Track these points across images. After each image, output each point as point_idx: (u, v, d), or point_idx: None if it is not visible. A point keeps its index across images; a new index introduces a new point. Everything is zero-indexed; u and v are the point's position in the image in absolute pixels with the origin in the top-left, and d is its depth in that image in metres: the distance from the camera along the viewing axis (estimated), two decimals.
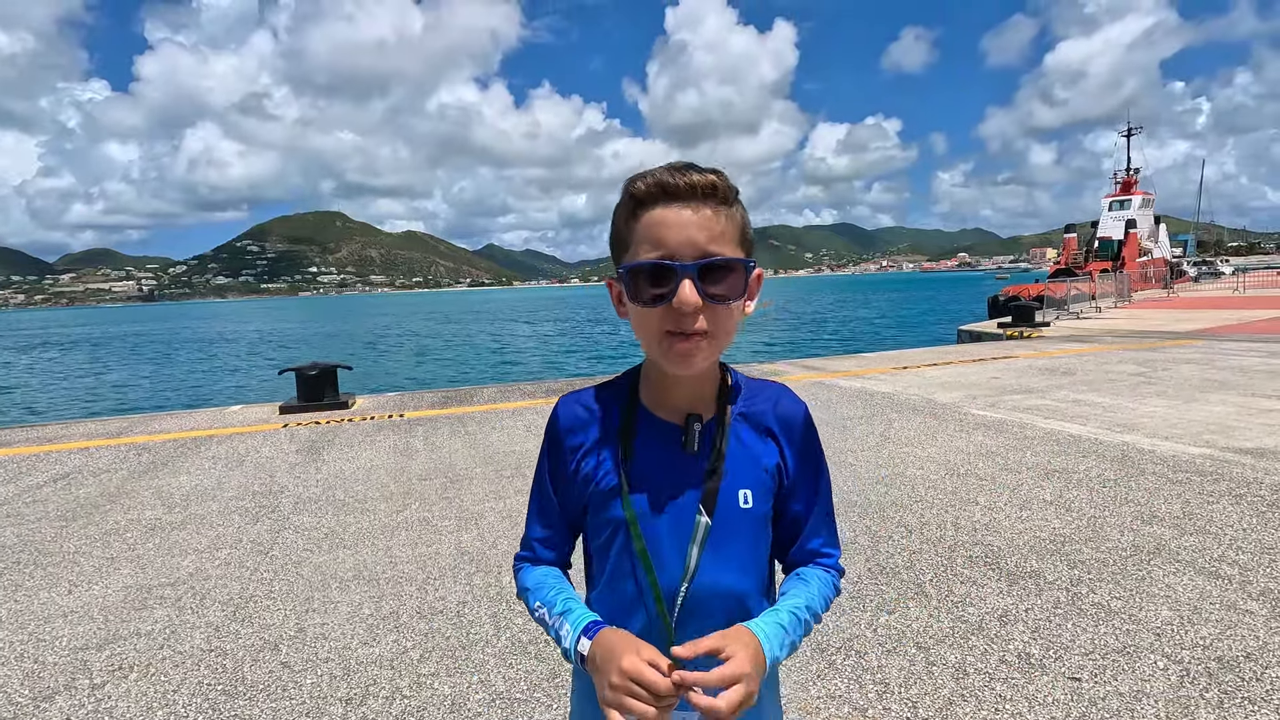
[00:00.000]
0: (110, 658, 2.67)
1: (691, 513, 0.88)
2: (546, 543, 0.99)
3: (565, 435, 0.94)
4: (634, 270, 0.81)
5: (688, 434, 0.89)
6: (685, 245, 0.79)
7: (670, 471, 0.89)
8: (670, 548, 0.88)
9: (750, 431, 0.93)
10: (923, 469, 4.69)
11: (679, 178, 0.79)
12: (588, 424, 0.93)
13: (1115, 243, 40.02)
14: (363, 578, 3.32)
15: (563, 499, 0.96)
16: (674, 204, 0.80)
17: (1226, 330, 12.89)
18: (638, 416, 0.92)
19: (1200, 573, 2.98)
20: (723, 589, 0.89)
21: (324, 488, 4.84)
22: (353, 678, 2.47)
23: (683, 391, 0.90)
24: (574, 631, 0.84)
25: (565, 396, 0.96)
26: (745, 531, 0.91)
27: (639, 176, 0.82)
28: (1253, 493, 3.96)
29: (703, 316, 0.80)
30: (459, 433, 6.40)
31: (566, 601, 0.90)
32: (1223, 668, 2.29)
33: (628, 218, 0.84)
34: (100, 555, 3.73)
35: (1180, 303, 21.54)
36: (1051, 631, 2.56)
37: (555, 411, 0.95)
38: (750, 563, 0.92)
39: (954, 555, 3.28)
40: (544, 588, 0.94)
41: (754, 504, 0.90)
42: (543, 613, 0.91)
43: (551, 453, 0.96)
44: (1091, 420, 5.89)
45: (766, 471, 0.92)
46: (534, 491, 0.99)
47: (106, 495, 4.85)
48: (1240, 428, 5.43)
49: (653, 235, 0.80)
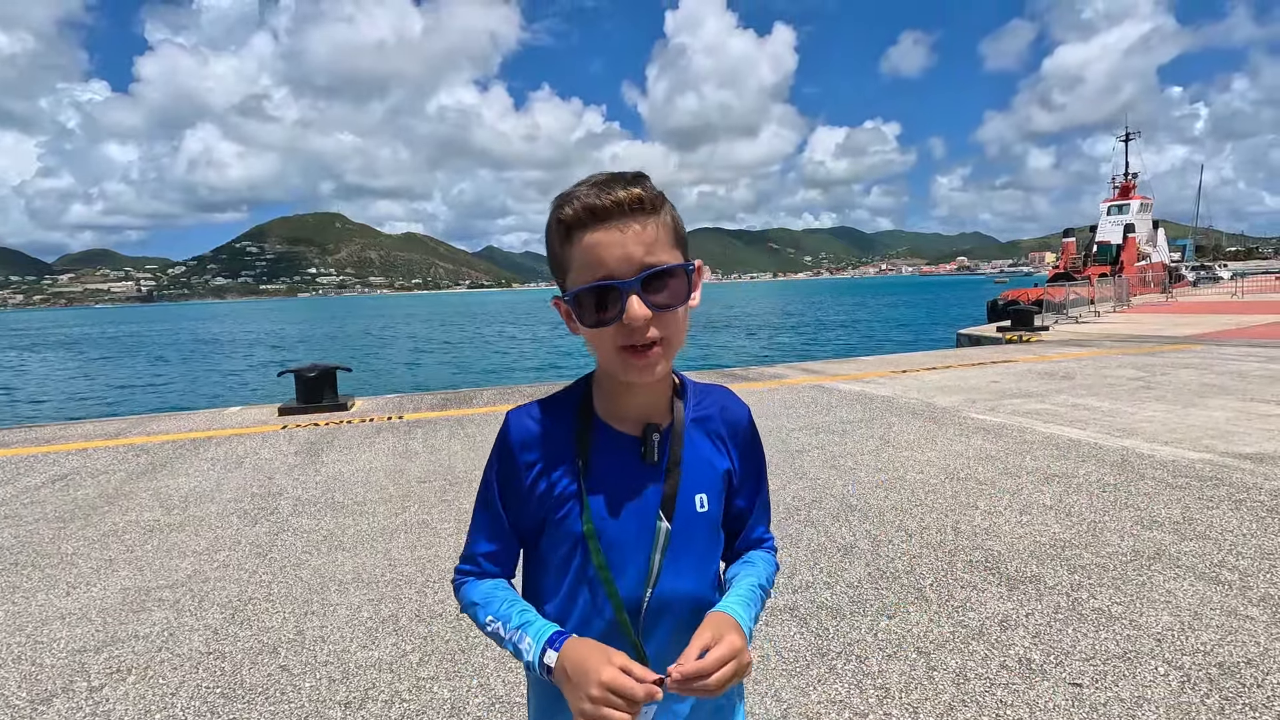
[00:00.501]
0: (108, 660, 2.66)
1: (652, 520, 0.89)
2: (493, 558, 0.97)
3: (519, 450, 0.92)
4: (579, 295, 0.82)
5: (646, 444, 0.90)
6: (623, 262, 0.80)
7: (629, 481, 0.90)
8: (633, 557, 0.89)
9: (702, 436, 0.95)
10: (922, 473, 4.69)
11: (605, 198, 0.79)
12: (542, 438, 0.92)
13: (1114, 247, 40.11)
14: (362, 580, 3.31)
15: (514, 515, 0.94)
16: (604, 224, 0.80)
17: (1225, 335, 12.91)
18: (593, 428, 0.92)
19: (1200, 578, 2.98)
20: (683, 592, 0.91)
21: (323, 490, 4.83)
22: (352, 681, 2.46)
23: (638, 400, 0.91)
24: (537, 644, 0.84)
25: (515, 410, 0.95)
26: (702, 534, 0.94)
27: (564, 200, 0.82)
28: (1252, 498, 3.96)
29: (653, 326, 0.81)
30: (458, 435, 6.40)
31: (523, 614, 0.89)
32: (1223, 674, 2.29)
33: (562, 242, 0.84)
34: (98, 557, 3.72)
35: (1179, 307, 21.57)
36: (1052, 637, 2.56)
37: (506, 426, 0.94)
38: (707, 564, 0.95)
39: (954, 560, 3.28)
40: (494, 600, 0.93)
41: (709, 507, 0.93)
42: (496, 627, 0.90)
43: (503, 468, 0.94)
44: (1091, 425, 5.89)
45: (718, 474, 0.96)
46: (480, 506, 0.97)
47: (105, 497, 4.84)
48: (1239, 433, 5.43)
49: (590, 258, 0.81)
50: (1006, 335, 14.39)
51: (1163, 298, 26.86)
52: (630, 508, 0.89)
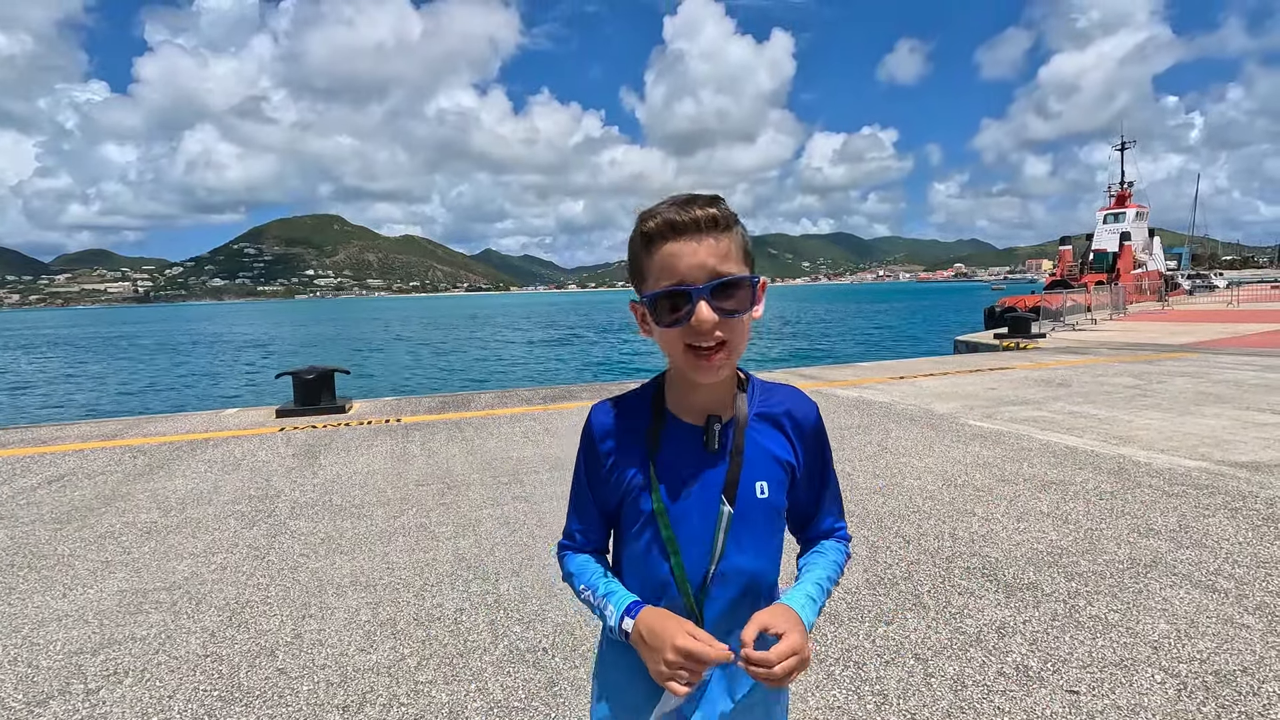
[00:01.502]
0: (105, 662, 2.65)
1: (715, 503, 0.99)
2: (585, 534, 1.09)
3: (599, 440, 1.05)
4: (655, 299, 0.92)
5: (708, 433, 1.00)
6: (696, 270, 0.89)
7: (694, 467, 1.00)
8: (698, 535, 0.99)
9: (766, 429, 1.04)
10: (920, 479, 4.70)
11: (684, 214, 0.90)
12: (619, 429, 1.04)
13: (1110, 255, 40.27)
14: (360, 584, 3.31)
15: (598, 497, 1.07)
16: (681, 238, 0.90)
17: (1221, 344, 12.96)
18: (664, 420, 1.03)
19: (1197, 586, 2.99)
20: (743, 569, 1.01)
21: (321, 492, 4.82)
22: (349, 685, 2.46)
23: (704, 395, 1.01)
24: (618, 611, 0.97)
25: (598, 404, 1.07)
26: (761, 519, 1.02)
27: (649, 215, 0.93)
28: (1248, 506, 3.97)
29: (719, 330, 0.90)
30: (456, 438, 6.39)
31: (608, 584, 1.03)
32: (1220, 681, 2.30)
33: (641, 252, 0.95)
34: (95, 558, 3.71)
35: (1175, 315, 21.65)
36: (1049, 644, 2.57)
37: (589, 418, 1.07)
38: (765, 546, 1.03)
39: (952, 566, 3.29)
40: (586, 571, 1.06)
41: (769, 494, 1.02)
42: (588, 595, 1.03)
43: (588, 456, 1.06)
44: (1088, 432, 5.91)
45: (780, 465, 1.03)
46: (574, 489, 1.10)
47: (101, 498, 4.83)
48: (1235, 441, 5.46)
49: (668, 266, 0.91)
50: (1004, 343, 14.42)
51: (1159, 306, 26.95)
52: (694, 490, 0.99)
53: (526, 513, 4.26)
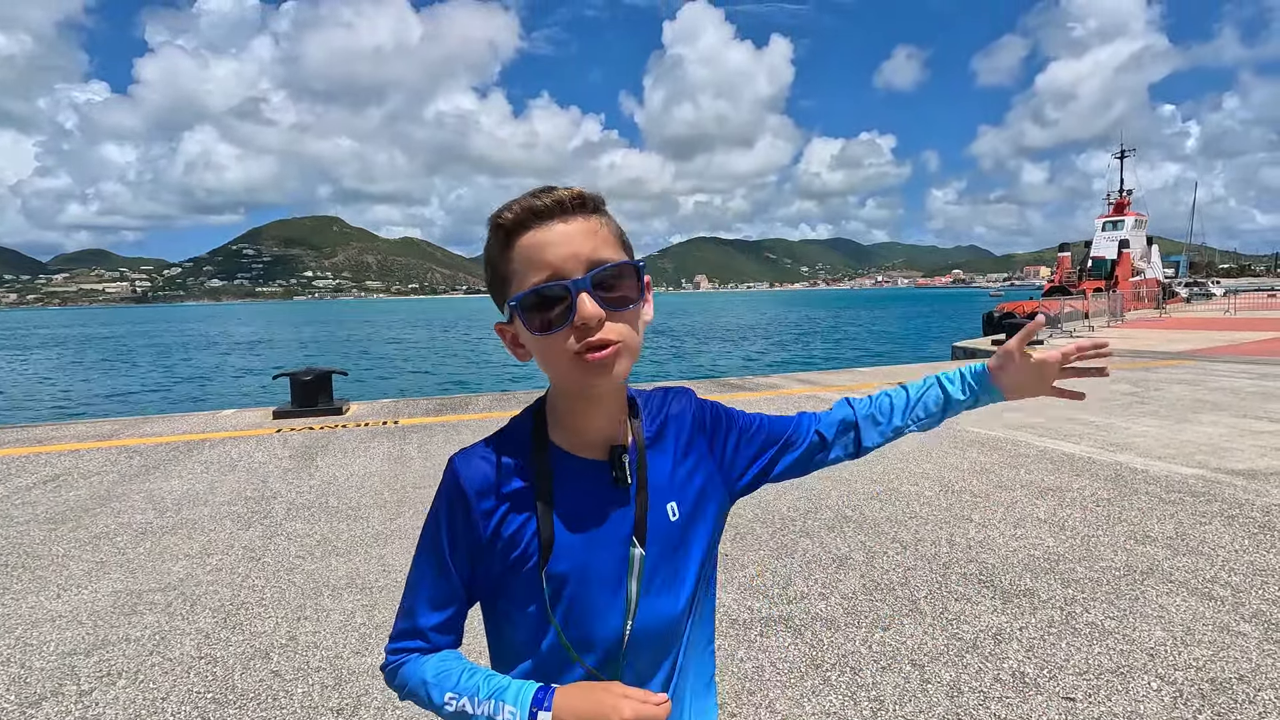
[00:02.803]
0: (99, 664, 2.64)
1: (625, 548, 0.83)
2: (442, 628, 0.86)
3: (475, 499, 0.82)
4: (524, 300, 0.75)
5: (617, 468, 0.84)
6: (569, 259, 0.74)
7: (598, 511, 0.84)
8: (609, 591, 0.83)
9: (664, 443, 0.89)
10: (917, 485, 4.70)
11: (544, 198, 0.76)
12: (499, 480, 0.83)
13: (1108, 262, 40.37)
14: (356, 586, 3.30)
15: (472, 570, 0.85)
16: (546, 223, 0.75)
17: (1218, 351, 12.99)
18: (551, 461, 0.84)
19: (1193, 593, 2.99)
20: (660, 614, 0.85)
21: (317, 494, 4.81)
22: (344, 688, 2.45)
23: (597, 422, 0.84)
24: (522, 710, 0.75)
25: (460, 454, 0.86)
26: (676, 546, 0.86)
27: (503, 208, 0.78)
28: (1244, 514, 3.98)
29: (608, 326, 0.75)
30: (454, 441, 6.38)
31: (489, 680, 0.80)
32: (1216, 689, 2.30)
33: (501, 251, 0.78)
34: (90, 559, 3.70)
35: (1172, 323, 21.70)
36: (1046, 651, 2.57)
37: (455, 472, 0.84)
38: (681, 578, 0.87)
39: (949, 572, 3.28)
40: (451, 673, 0.81)
41: (680, 515, 0.87)
42: (461, 704, 0.78)
43: (454, 521, 0.84)
44: (1085, 439, 5.91)
45: (686, 476, 0.89)
46: (425, 569, 0.86)
47: (96, 498, 4.81)
48: (1232, 449, 5.46)
49: (534, 259, 0.75)
50: None
51: (1156, 313, 27.02)
52: (603, 539, 0.83)
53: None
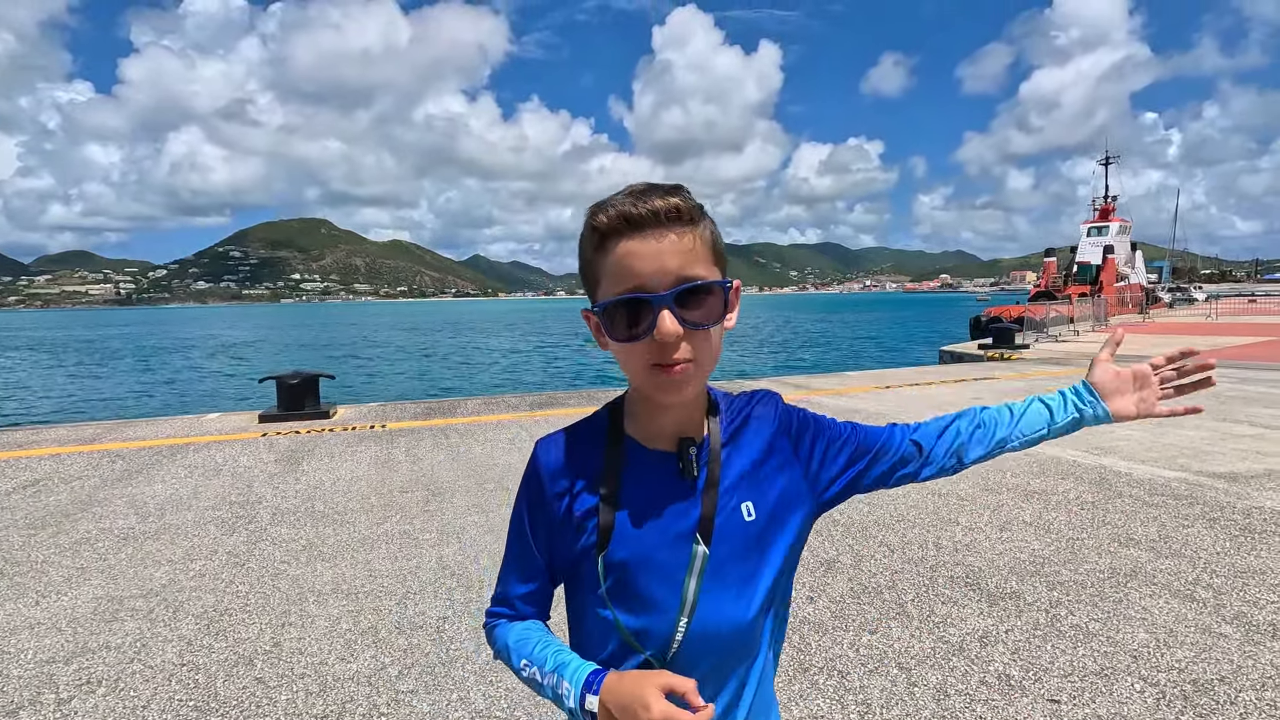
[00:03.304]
0: (78, 671, 2.60)
1: (688, 544, 0.84)
2: (528, 599, 0.92)
3: (549, 481, 0.88)
4: (609, 308, 0.78)
5: (683, 460, 0.85)
6: (658, 274, 0.75)
7: (664, 503, 0.85)
8: (666, 585, 0.84)
9: (742, 442, 0.89)
10: (904, 488, 4.72)
11: (641, 206, 0.75)
12: (573, 465, 0.88)
13: (1093, 268, 40.84)
14: (341, 591, 3.27)
15: (548, 550, 0.90)
16: (639, 234, 0.76)
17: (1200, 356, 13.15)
18: (624, 451, 0.87)
19: (1176, 595, 3.03)
20: (724, 618, 0.85)
21: (303, 499, 4.76)
22: (329, 694, 2.42)
23: (672, 417, 0.86)
24: (575, 688, 0.80)
25: (543, 440, 0.91)
26: (748, 548, 0.86)
27: (599, 208, 0.78)
28: (1226, 517, 4.02)
29: (685, 344, 0.77)
30: (441, 445, 6.35)
31: (557, 655, 0.85)
32: (1198, 690, 2.32)
33: (594, 252, 0.80)
34: (69, 565, 3.64)
35: (1155, 328, 21.97)
36: (1031, 653, 2.58)
37: (535, 456, 0.90)
38: (754, 585, 0.87)
39: (935, 575, 3.30)
40: (528, 642, 0.88)
41: (756, 515, 0.87)
42: (532, 671, 0.85)
43: (534, 502, 0.89)
44: (1069, 442, 5.97)
45: (764, 478, 0.88)
46: (512, 543, 0.92)
47: (77, 503, 4.74)
48: (1213, 452, 5.53)
49: (623, 268, 0.76)
50: (988, 353, 14.56)
51: (1140, 318, 27.35)
52: (663, 532, 0.84)
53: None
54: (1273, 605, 2.92)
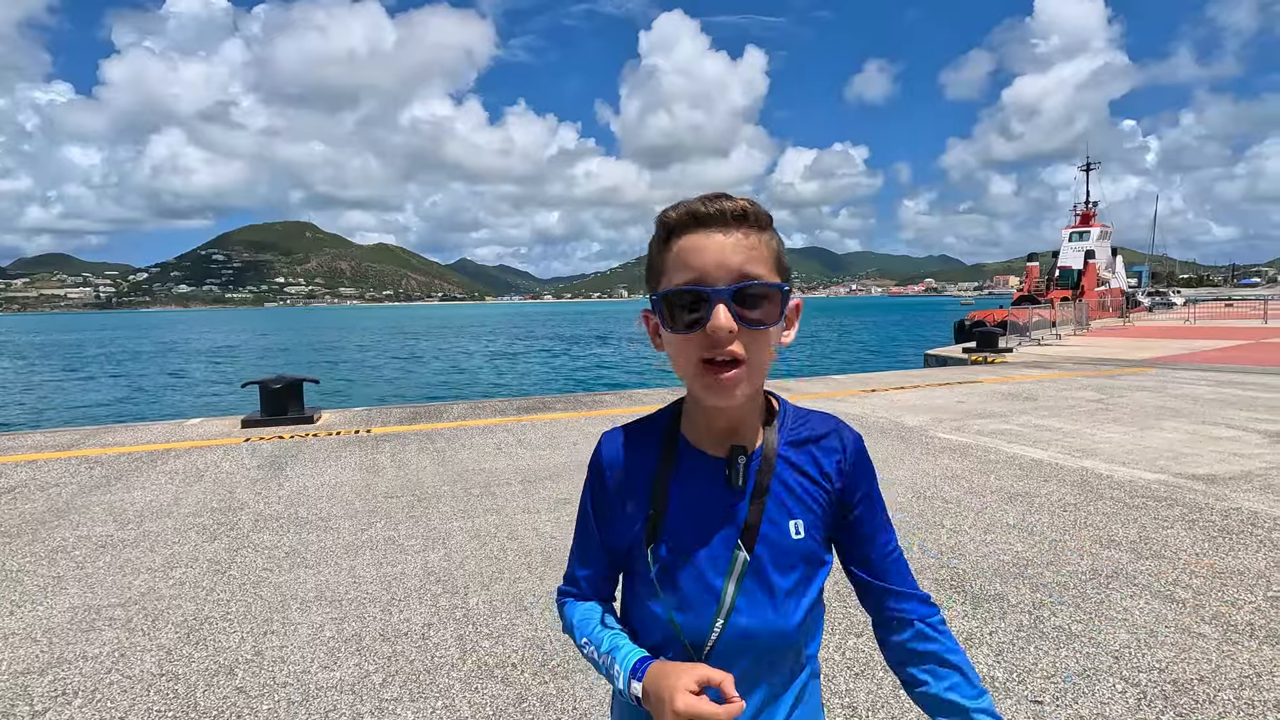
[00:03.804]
0: (53, 682, 2.55)
1: (729, 548, 0.86)
2: (590, 580, 0.97)
3: (608, 471, 0.92)
4: (667, 297, 0.79)
5: (731, 467, 0.86)
6: (718, 268, 0.77)
7: (710, 506, 0.87)
8: (706, 586, 0.86)
9: (800, 460, 0.90)
10: (890, 491, 4.75)
11: (710, 205, 0.79)
12: (629, 459, 0.91)
13: (1075, 272, 41.42)
14: (324, 598, 3.23)
15: (606, 536, 0.94)
16: (705, 229, 0.79)
17: (1179, 359, 13.37)
18: (678, 450, 0.90)
19: (1156, 596, 3.06)
20: (763, 626, 0.86)
21: (286, 505, 4.71)
22: (312, 703, 2.39)
23: (725, 422, 0.87)
24: (624, 672, 0.84)
25: (609, 432, 0.95)
26: (793, 564, 0.87)
27: (671, 207, 0.82)
28: (1204, 518, 4.08)
29: (739, 342, 0.77)
30: (427, 450, 6.31)
31: (613, 639, 0.89)
32: (1178, 690, 2.35)
33: (660, 247, 0.83)
34: (46, 574, 3.57)
35: (1135, 331, 22.30)
36: (1014, 654, 2.60)
37: (598, 446, 0.94)
38: (801, 598, 0.88)
39: (920, 578, 3.32)
40: (589, 623, 0.93)
41: (805, 534, 0.87)
42: (590, 651, 0.90)
43: (595, 491, 0.94)
44: (1052, 445, 6.04)
45: (816, 502, 0.89)
46: (578, 528, 0.97)
47: (54, 511, 4.66)
48: (1192, 455, 5.62)
49: (685, 260, 0.79)
50: (972, 356, 14.70)
51: (1120, 322, 27.75)
52: (708, 534, 0.86)
53: (498, 525, 4.21)
54: (1250, 605, 2.96)
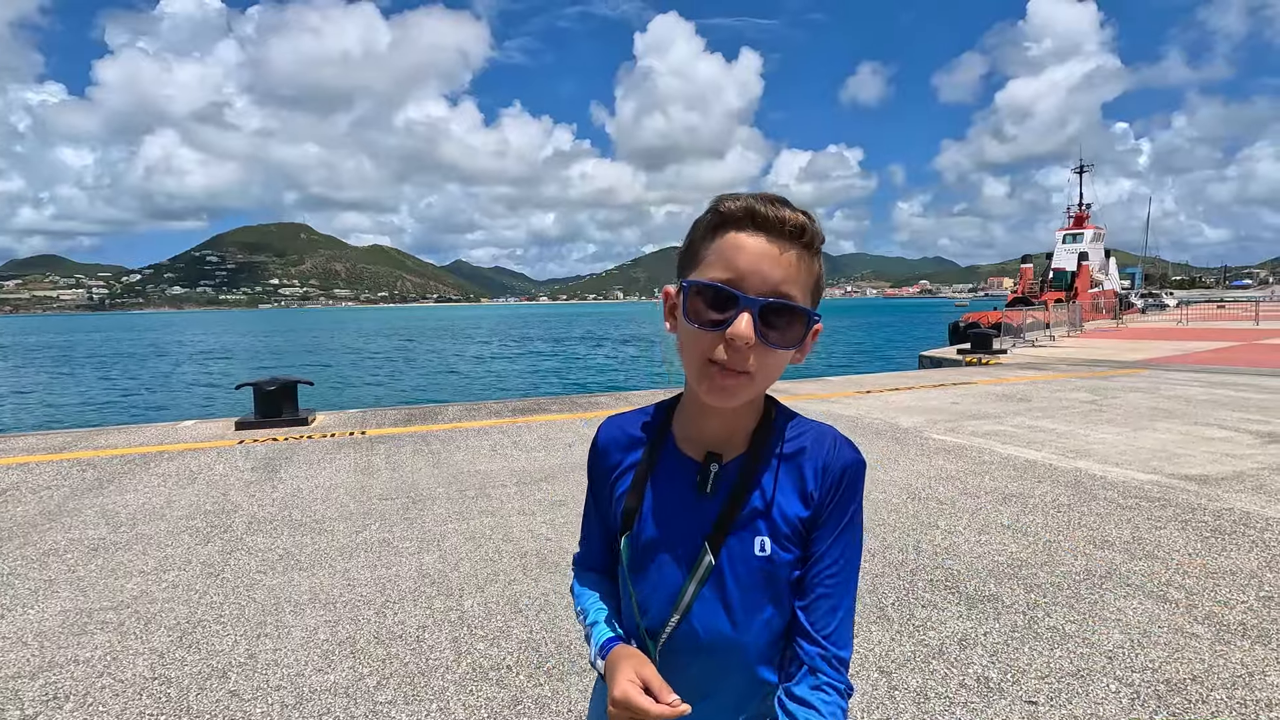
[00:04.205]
0: (44, 687, 2.53)
1: (695, 549, 0.86)
2: (596, 555, 1.02)
3: (602, 456, 0.97)
4: (697, 288, 0.77)
5: (703, 474, 0.86)
6: (756, 276, 0.76)
7: (682, 508, 0.88)
8: (667, 580, 0.88)
9: (782, 475, 0.86)
10: (885, 492, 4.76)
11: (770, 209, 0.76)
12: (621, 447, 0.95)
13: (1069, 274, 41.61)
14: (318, 601, 3.22)
15: (603, 516, 0.99)
16: (758, 232, 0.77)
17: (1171, 360, 13.44)
18: (663, 447, 0.91)
19: (1149, 596, 3.08)
20: (719, 632, 0.86)
21: (280, 507, 4.69)
22: (305, 706, 2.38)
23: (713, 426, 0.87)
24: (594, 648, 0.90)
25: (607, 419, 0.99)
26: (754, 581, 0.85)
27: (729, 196, 0.79)
28: (1197, 519, 4.10)
29: (752, 355, 0.76)
30: (422, 451, 6.29)
31: (597, 612, 0.95)
32: (1171, 690, 2.36)
33: (707, 232, 0.80)
34: (37, 577, 3.55)
35: (1128, 333, 22.41)
36: (1009, 655, 2.61)
37: (598, 430, 0.99)
38: (758, 615, 0.86)
39: (915, 579, 3.33)
40: (584, 595, 1.00)
41: (771, 552, 0.84)
42: (581, 619, 0.97)
43: (592, 472, 0.99)
44: (1046, 446, 6.06)
45: (787, 521, 0.85)
46: (586, 508, 1.03)
47: (46, 514, 4.63)
48: (1185, 455, 5.65)
49: (727, 256, 0.77)
50: (966, 358, 14.75)
51: (1114, 324, 27.89)
52: (677, 532, 0.88)
53: (492, 527, 4.20)
54: (1242, 605, 2.98)
